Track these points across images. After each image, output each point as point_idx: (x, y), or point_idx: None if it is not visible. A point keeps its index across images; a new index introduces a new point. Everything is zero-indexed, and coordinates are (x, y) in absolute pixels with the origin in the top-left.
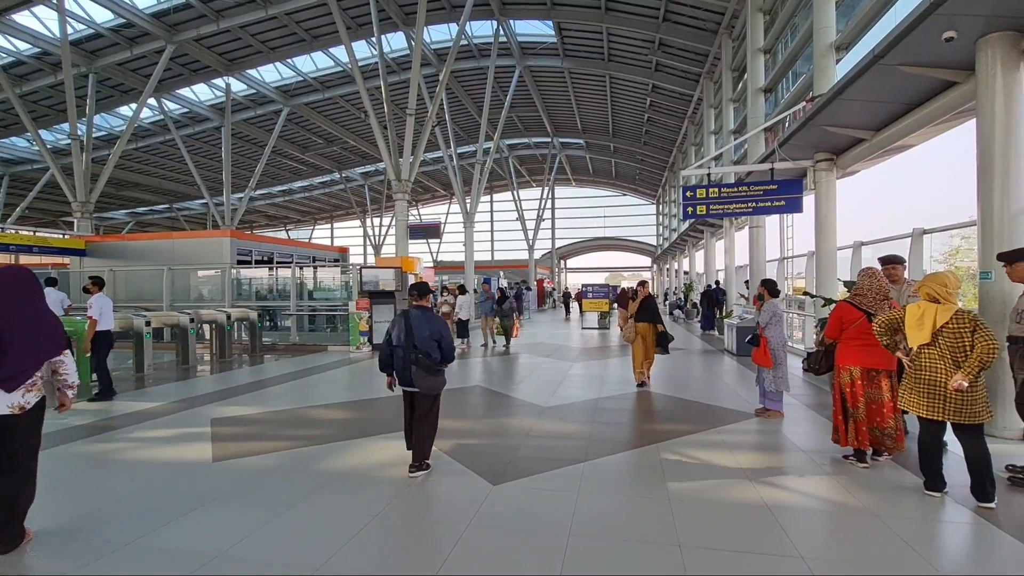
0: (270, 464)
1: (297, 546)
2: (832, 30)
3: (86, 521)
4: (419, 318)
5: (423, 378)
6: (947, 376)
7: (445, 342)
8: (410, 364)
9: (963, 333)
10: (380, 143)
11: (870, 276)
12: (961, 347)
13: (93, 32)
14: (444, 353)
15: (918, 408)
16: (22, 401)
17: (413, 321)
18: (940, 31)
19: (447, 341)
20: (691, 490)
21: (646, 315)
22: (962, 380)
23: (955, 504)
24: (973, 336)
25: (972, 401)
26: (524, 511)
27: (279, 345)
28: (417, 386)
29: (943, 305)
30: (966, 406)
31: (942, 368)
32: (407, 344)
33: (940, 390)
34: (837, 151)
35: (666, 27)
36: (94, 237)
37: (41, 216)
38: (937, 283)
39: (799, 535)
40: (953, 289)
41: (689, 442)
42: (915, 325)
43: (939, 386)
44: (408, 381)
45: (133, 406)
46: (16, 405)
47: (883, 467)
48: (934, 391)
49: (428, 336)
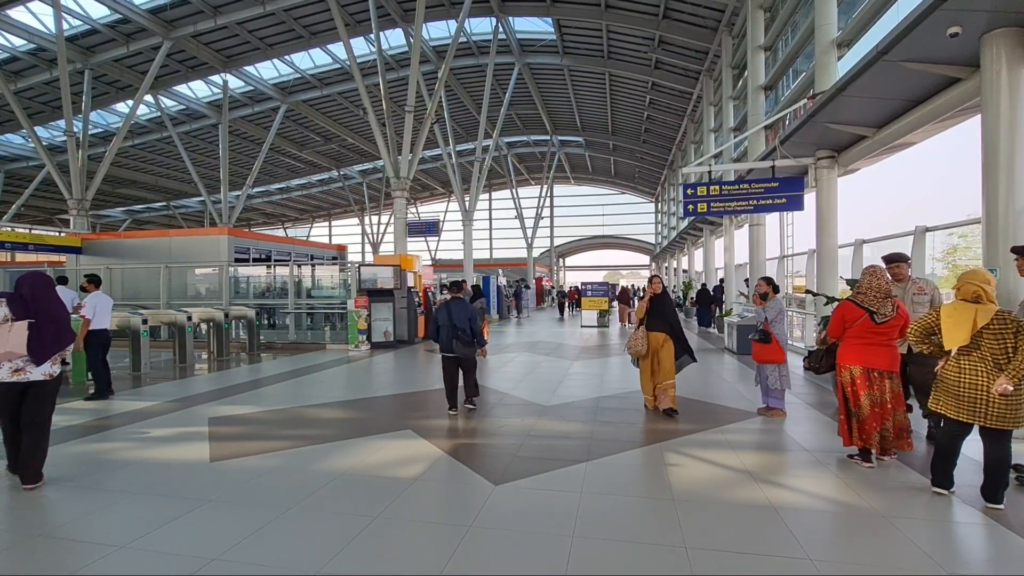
0: (268, 464)
1: (296, 549)
2: (834, 27)
3: (79, 522)
4: (456, 306)
5: (461, 347)
6: (989, 380)
7: (474, 324)
8: (451, 338)
9: (1006, 335)
10: (379, 140)
11: (871, 274)
12: (1003, 349)
13: (89, 28)
14: (474, 332)
15: (955, 410)
16: (50, 370)
17: (452, 308)
18: (944, 27)
19: (476, 323)
20: (696, 491)
21: (659, 321)
22: (1007, 384)
23: (963, 504)
24: (1016, 338)
25: (1017, 406)
26: (527, 512)
27: (277, 344)
28: (456, 352)
29: (983, 306)
30: (1010, 411)
31: (983, 371)
32: (450, 324)
33: (982, 394)
34: (839, 148)
35: (666, 24)
36: (90, 235)
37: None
38: (981, 280)
39: (807, 536)
40: (993, 288)
41: (692, 441)
42: (953, 326)
43: (980, 390)
44: (450, 349)
45: (130, 405)
46: (47, 373)
47: (888, 467)
48: (974, 395)
49: (463, 319)
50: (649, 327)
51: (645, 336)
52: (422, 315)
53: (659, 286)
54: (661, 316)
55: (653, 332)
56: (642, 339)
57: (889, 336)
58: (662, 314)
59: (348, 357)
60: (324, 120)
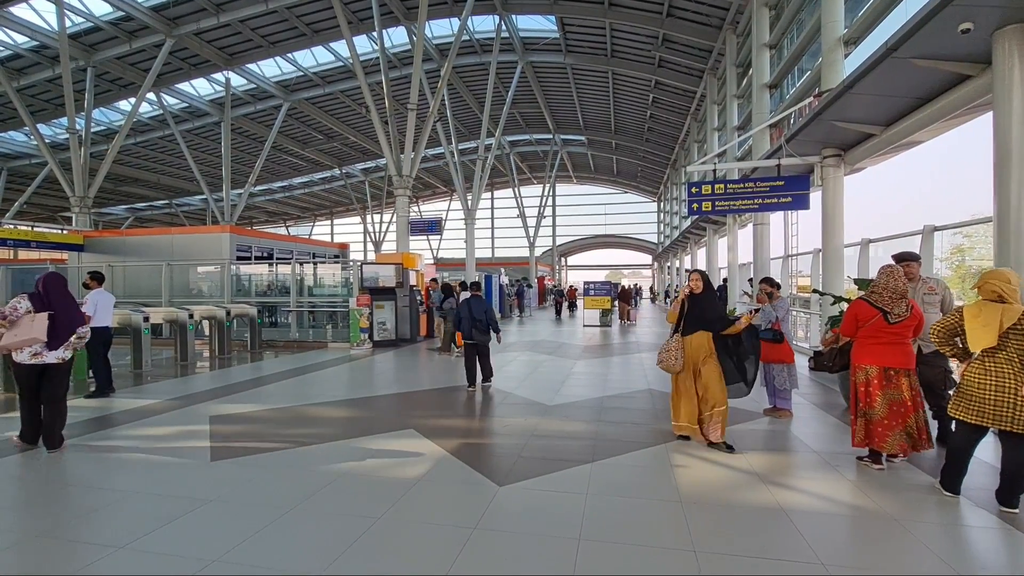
0: (269, 464)
1: (297, 551)
2: (840, 24)
3: (78, 522)
4: (475, 302)
5: (479, 335)
6: (1016, 382)
7: (489, 315)
8: (471, 328)
9: None
10: (381, 138)
11: (888, 274)
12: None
13: (92, 25)
14: (489, 322)
15: (976, 415)
16: (63, 355)
17: (472, 304)
18: (956, 23)
19: (491, 315)
20: (703, 492)
21: (698, 326)
22: None
23: (975, 507)
24: None
25: None
26: (532, 514)
27: (279, 342)
28: (475, 340)
29: (1008, 306)
30: None
31: (1009, 373)
32: (471, 316)
33: (1008, 397)
34: (845, 147)
35: (670, 22)
36: (92, 232)
37: (40, 211)
38: (1001, 279)
39: (818, 540)
40: (1017, 286)
41: (698, 443)
42: (979, 327)
43: (1007, 393)
44: (471, 337)
45: (130, 403)
46: (60, 358)
47: (898, 469)
48: (1000, 398)
49: (481, 312)
50: (686, 332)
51: (680, 345)
52: (424, 313)
53: (699, 283)
54: (700, 320)
55: (694, 335)
56: (676, 350)
57: (903, 336)
58: (702, 317)
59: (350, 355)
60: (326, 118)
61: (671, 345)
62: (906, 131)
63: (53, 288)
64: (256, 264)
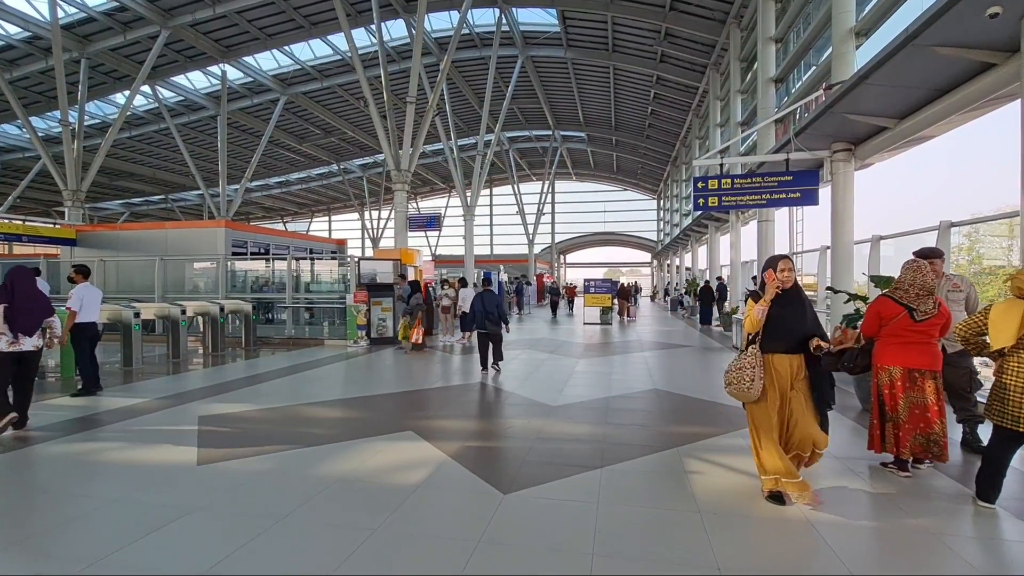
0: (261, 468)
1: (289, 564)
2: (852, 15)
3: (54, 532)
4: (488, 297)
5: (491, 326)
6: None
7: (500, 309)
8: (485, 319)
9: None
10: (380, 132)
11: (915, 270)
12: None
13: (85, 16)
14: (500, 315)
15: (1012, 421)
16: (38, 342)
17: (485, 298)
18: (984, 7)
19: (501, 308)
20: (722, 502)
21: (789, 339)
22: None
23: (1014, 519)
24: None
25: None
26: (540, 525)
27: (274, 339)
28: (488, 330)
29: None
30: None
31: None
32: (484, 309)
33: None
34: (856, 140)
35: (673, 16)
36: (85, 226)
37: (34, 206)
38: None
39: (851, 556)
40: None
41: (711, 446)
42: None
43: None
44: (484, 327)
45: (117, 402)
46: (35, 345)
47: (926, 476)
48: None
49: (492, 305)
50: (769, 348)
51: (760, 364)
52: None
53: (790, 276)
54: (793, 330)
55: (778, 357)
56: (755, 370)
57: (929, 335)
58: (794, 326)
59: (346, 353)
60: (324, 113)
61: (745, 362)
62: (921, 124)
63: (18, 281)
64: (252, 259)
